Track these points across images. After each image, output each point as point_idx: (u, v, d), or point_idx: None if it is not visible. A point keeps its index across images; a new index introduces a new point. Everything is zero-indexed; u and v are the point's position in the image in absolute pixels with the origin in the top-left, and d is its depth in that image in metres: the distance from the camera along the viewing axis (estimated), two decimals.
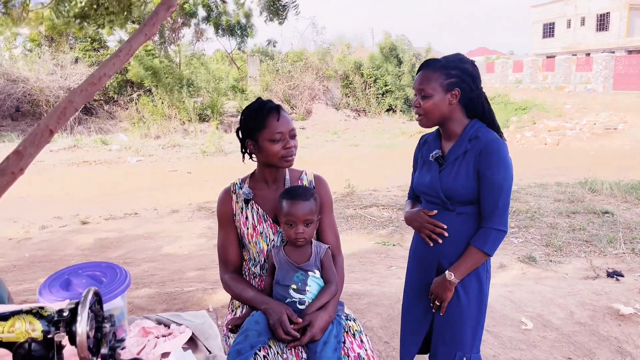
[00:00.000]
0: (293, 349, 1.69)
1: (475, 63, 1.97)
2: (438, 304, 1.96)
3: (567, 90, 26.07)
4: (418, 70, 1.97)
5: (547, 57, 34.75)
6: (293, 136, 1.86)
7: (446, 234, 1.94)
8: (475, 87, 1.91)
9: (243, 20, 21.94)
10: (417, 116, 1.96)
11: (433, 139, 2.07)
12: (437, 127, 2.04)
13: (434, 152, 1.98)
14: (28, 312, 0.95)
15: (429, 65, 1.92)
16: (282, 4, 3.94)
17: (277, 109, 1.84)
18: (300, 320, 1.67)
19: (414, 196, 2.21)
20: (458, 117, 1.94)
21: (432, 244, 1.97)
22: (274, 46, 24.17)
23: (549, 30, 40.39)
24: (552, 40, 39.70)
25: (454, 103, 1.90)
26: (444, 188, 1.91)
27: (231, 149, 13.87)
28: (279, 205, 1.83)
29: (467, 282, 1.94)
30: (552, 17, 39.65)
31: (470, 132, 1.91)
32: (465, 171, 1.89)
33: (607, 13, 34.82)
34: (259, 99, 1.91)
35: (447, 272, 1.90)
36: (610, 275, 4.43)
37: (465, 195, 1.89)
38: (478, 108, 1.94)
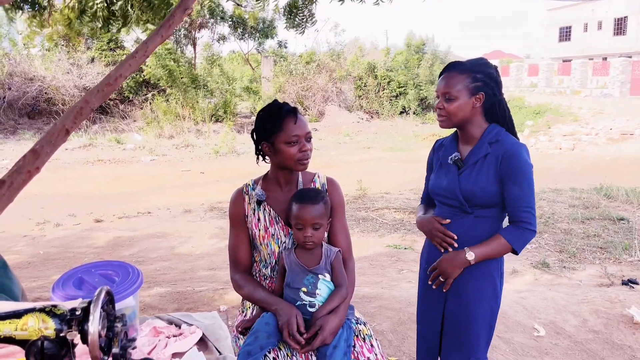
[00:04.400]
0: (303, 352, 1.68)
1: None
2: (442, 280, 1.92)
3: (583, 94, 25.78)
4: (442, 73, 1.95)
5: (563, 61, 34.43)
6: (309, 139, 1.86)
7: (456, 245, 1.92)
8: (498, 92, 1.93)
9: (267, 20, 22.17)
10: (438, 117, 1.95)
11: (450, 142, 2.06)
12: (454, 130, 2.04)
13: (453, 155, 1.97)
14: (41, 310, 0.95)
15: (455, 68, 1.91)
16: (301, 17, 3.95)
17: (294, 111, 1.84)
18: (304, 334, 1.65)
19: (427, 200, 2.20)
20: (478, 120, 1.94)
21: (442, 250, 1.96)
22: (285, 47, 24.28)
23: (565, 34, 40.00)
24: (568, 44, 39.32)
25: (477, 107, 1.91)
26: (464, 190, 1.90)
27: (244, 149, 13.92)
28: (289, 207, 1.83)
29: (482, 287, 1.93)
30: (568, 20, 39.26)
31: (489, 135, 1.92)
32: (486, 174, 1.88)
33: (625, 17, 34.39)
34: (275, 101, 1.90)
35: (467, 250, 1.86)
36: (625, 283, 4.37)
37: (485, 199, 1.88)
38: (499, 113, 1.96)
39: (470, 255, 1.85)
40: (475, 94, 1.88)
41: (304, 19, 3.97)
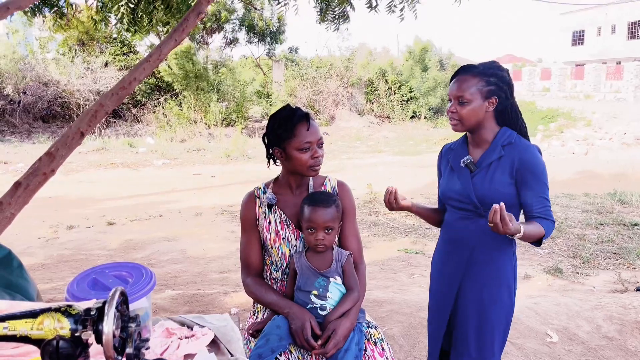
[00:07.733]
0: (314, 355, 1.69)
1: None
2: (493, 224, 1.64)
3: (596, 99, 25.53)
4: (454, 76, 1.94)
5: (577, 65, 34.15)
6: (321, 145, 1.85)
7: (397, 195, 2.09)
8: (510, 95, 1.92)
9: (276, 25, 22.30)
10: (451, 121, 1.94)
11: (459, 146, 2.05)
12: (464, 133, 2.03)
13: (465, 158, 1.96)
14: (57, 310, 0.96)
15: (468, 71, 1.90)
16: (333, 14, 3.95)
17: (307, 117, 1.83)
18: (320, 333, 1.66)
19: (442, 205, 2.19)
20: (490, 124, 1.94)
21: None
22: (296, 52, 24.41)
23: (578, 38, 39.67)
24: (582, 48, 38.99)
25: (490, 111, 1.90)
26: (478, 193, 1.89)
27: (255, 153, 13.96)
28: (300, 210, 1.83)
29: (498, 293, 1.92)
30: (582, 24, 38.94)
31: (502, 138, 1.91)
32: (500, 176, 1.88)
33: (639, 21, 34.05)
34: (287, 106, 1.90)
35: (521, 225, 1.69)
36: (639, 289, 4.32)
37: (501, 201, 1.87)
38: (512, 117, 1.95)
39: (521, 231, 1.70)
40: (488, 98, 1.88)
41: (337, 17, 3.97)
